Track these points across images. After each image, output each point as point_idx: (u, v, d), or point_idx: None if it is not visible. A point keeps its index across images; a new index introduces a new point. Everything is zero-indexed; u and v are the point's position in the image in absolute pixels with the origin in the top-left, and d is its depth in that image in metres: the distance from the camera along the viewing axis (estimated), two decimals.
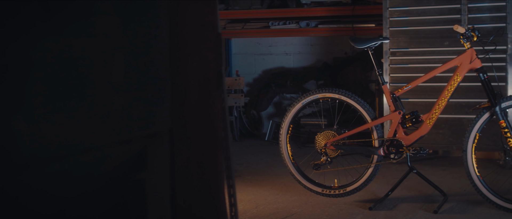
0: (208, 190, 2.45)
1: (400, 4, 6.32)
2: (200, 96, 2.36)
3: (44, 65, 1.81)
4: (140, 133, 2.07)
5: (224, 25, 8.24)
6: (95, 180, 1.98)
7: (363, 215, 4.88)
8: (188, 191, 2.35)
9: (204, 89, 2.37)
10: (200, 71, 2.34)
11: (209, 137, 2.42)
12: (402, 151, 5.04)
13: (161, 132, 2.15)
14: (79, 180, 1.95)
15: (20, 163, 1.77)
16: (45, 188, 1.87)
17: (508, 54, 5.96)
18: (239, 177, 6.20)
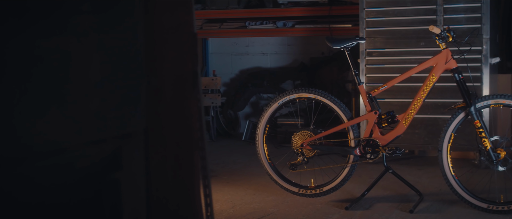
0: (183, 190, 2.44)
1: (376, 5, 6.34)
2: (175, 96, 2.35)
3: (16, 64, 1.80)
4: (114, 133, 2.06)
5: (201, 25, 8.23)
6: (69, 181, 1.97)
7: (339, 215, 4.90)
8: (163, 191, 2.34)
9: (179, 89, 2.36)
10: (175, 71, 2.33)
11: (184, 137, 2.42)
12: (378, 151, 5.06)
13: (136, 132, 2.14)
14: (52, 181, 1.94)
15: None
16: (16, 190, 1.86)
17: (483, 54, 6.01)
18: (215, 177, 6.19)
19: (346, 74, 7.90)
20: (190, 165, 2.44)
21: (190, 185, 2.46)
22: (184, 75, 2.37)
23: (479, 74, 6.01)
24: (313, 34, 7.96)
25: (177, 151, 2.40)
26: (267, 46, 8.68)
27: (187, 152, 2.44)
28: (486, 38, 6.00)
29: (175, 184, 2.40)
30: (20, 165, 1.85)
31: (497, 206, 4.80)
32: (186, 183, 2.45)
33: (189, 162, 2.43)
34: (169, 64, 2.31)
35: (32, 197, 1.91)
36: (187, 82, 2.39)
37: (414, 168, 6.36)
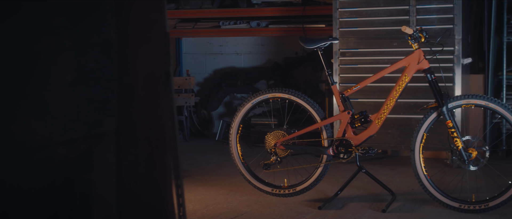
0: (156, 190, 2.43)
1: (349, 5, 6.36)
2: (147, 95, 2.34)
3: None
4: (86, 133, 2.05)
5: (175, 25, 8.21)
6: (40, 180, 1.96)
7: (312, 215, 4.90)
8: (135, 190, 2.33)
9: (151, 88, 2.35)
10: (147, 70, 2.33)
11: (157, 136, 2.41)
12: (351, 150, 5.08)
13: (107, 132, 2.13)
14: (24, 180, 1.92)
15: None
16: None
17: (455, 55, 6.05)
18: (189, 177, 6.18)
19: (319, 74, 7.92)
20: (163, 165, 2.43)
21: (162, 185, 2.45)
22: (156, 74, 2.36)
23: (451, 74, 6.05)
24: (287, 34, 7.97)
25: (149, 151, 2.39)
26: (241, 46, 8.68)
27: (159, 151, 2.43)
28: (458, 38, 6.04)
29: (147, 184, 2.39)
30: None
31: (469, 205, 4.84)
32: (159, 183, 2.44)
33: (161, 162, 2.42)
34: (141, 64, 2.30)
35: (2, 197, 1.89)
36: (159, 81, 2.38)
37: (387, 168, 6.38)
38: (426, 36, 4.89)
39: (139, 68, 2.31)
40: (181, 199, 2.55)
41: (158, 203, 2.43)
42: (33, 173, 1.93)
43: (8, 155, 1.86)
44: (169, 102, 2.43)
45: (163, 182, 2.44)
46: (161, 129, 2.40)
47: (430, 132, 4.96)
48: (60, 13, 1.99)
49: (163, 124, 2.40)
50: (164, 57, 2.39)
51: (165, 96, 2.41)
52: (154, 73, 2.35)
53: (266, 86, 8.41)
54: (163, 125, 2.42)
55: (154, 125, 2.38)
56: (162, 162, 2.41)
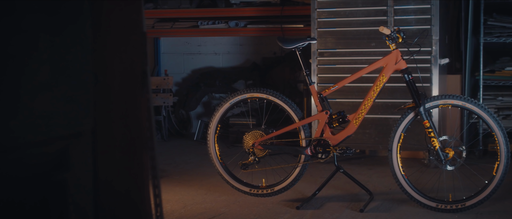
0: (133, 190, 2.42)
1: (328, 5, 6.37)
2: (124, 95, 2.33)
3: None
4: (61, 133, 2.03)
5: (153, 24, 8.19)
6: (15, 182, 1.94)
7: (290, 214, 4.91)
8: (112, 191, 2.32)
9: (128, 88, 2.34)
10: (124, 70, 2.31)
11: (133, 136, 2.40)
12: (329, 150, 5.09)
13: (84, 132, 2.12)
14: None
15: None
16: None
17: (432, 55, 6.08)
18: (167, 177, 6.16)
19: (298, 74, 7.93)
20: (140, 165, 2.42)
21: (139, 185, 2.44)
22: (133, 74, 2.35)
23: (428, 74, 6.08)
24: (265, 34, 7.98)
25: (126, 151, 2.38)
26: (220, 46, 8.67)
27: (136, 152, 2.42)
28: (436, 39, 6.07)
29: (124, 184, 2.38)
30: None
31: (446, 205, 4.87)
32: (136, 183, 2.43)
33: (138, 162, 2.41)
34: (118, 64, 2.29)
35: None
36: (136, 81, 2.37)
37: (365, 168, 6.41)
38: (404, 36, 4.91)
39: (115, 67, 2.30)
40: (158, 199, 2.54)
41: (135, 204, 2.42)
42: (6, 174, 1.92)
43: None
44: (146, 102, 2.42)
45: (140, 182, 2.43)
46: (138, 129, 2.39)
47: (407, 132, 4.99)
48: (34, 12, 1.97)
49: (140, 124, 2.39)
50: (141, 57, 2.37)
51: (142, 96, 2.40)
52: (131, 73, 2.34)
53: (245, 86, 8.41)
54: (140, 125, 2.41)
55: (131, 125, 2.37)
56: (139, 162, 2.40)
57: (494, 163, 4.81)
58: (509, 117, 6.84)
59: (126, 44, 2.30)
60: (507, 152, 4.76)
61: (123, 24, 2.28)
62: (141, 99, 2.40)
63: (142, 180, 2.44)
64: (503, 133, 4.76)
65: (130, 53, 2.32)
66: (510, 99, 6.87)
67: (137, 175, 2.40)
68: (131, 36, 2.30)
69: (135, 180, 2.40)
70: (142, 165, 2.42)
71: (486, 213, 4.85)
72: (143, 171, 2.43)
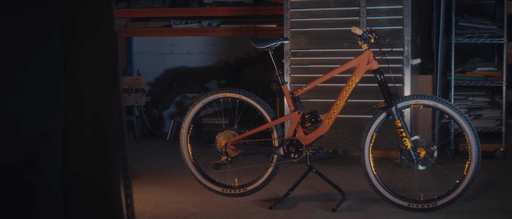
0: (103, 191, 2.41)
1: (300, 5, 6.38)
2: (95, 95, 2.32)
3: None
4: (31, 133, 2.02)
5: (125, 24, 8.15)
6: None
7: (263, 214, 4.91)
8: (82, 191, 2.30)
9: (99, 88, 2.33)
10: (95, 70, 2.30)
11: (104, 136, 2.38)
12: (301, 150, 5.10)
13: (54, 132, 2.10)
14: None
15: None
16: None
17: (404, 56, 6.11)
18: (139, 177, 6.14)
19: (271, 74, 7.94)
20: (110, 165, 2.41)
21: (110, 185, 2.43)
22: (104, 74, 2.34)
23: (400, 75, 6.11)
24: (238, 34, 7.97)
25: (97, 151, 2.36)
26: (192, 46, 8.65)
27: (107, 151, 2.40)
28: (408, 39, 6.10)
29: (95, 184, 2.37)
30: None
31: (417, 204, 4.90)
32: (106, 183, 2.42)
33: (109, 162, 2.40)
34: (88, 63, 2.28)
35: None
36: (107, 81, 2.36)
37: (337, 168, 6.42)
38: (376, 37, 4.93)
39: (86, 67, 2.28)
40: (129, 199, 2.53)
41: (106, 204, 2.40)
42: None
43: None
44: (118, 102, 2.41)
45: (111, 182, 2.41)
46: (109, 129, 2.38)
47: (379, 132, 5.01)
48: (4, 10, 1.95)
49: (111, 124, 2.38)
50: (112, 57, 2.36)
51: (113, 95, 2.39)
52: (102, 72, 2.33)
53: (218, 86, 8.40)
54: (111, 124, 2.40)
55: (102, 125, 2.35)
56: (110, 162, 2.39)
57: (465, 162, 4.85)
58: (480, 117, 6.90)
59: (97, 44, 2.28)
60: (477, 152, 4.80)
61: (93, 23, 2.27)
62: (112, 99, 2.39)
63: (113, 180, 2.43)
64: (474, 133, 4.79)
65: (101, 53, 2.30)
66: (481, 100, 6.93)
67: (107, 175, 2.38)
68: (102, 35, 2.29)
69: (106, 180, 2.39)
70: (113, 165, 2.41)
71: (457, 212, 4.88)
72: (114, 171, 2.42)
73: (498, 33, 6.77)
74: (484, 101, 6.94)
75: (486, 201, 5.18)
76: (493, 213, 4.86)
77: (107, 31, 2.31)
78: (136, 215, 4.94)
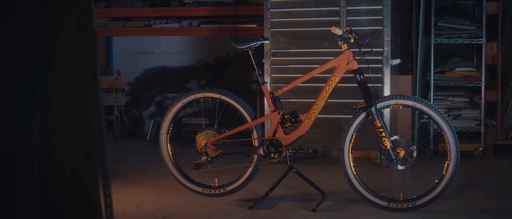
0: (82, 191, 2.40)
1: (281, 5, 6.39)
2: (73, 95, 2.31)
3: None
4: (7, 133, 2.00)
5: (105, 23, 8.12)
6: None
7: (243, 214, 4.91)
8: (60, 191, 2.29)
9: (77, 88, 2.32)
10: (73, 69, 2.29)
11: (83, 136, 2.37)
12: (281, 150, 5.10)
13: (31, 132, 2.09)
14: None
15: None
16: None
17: (384, 56, 6.13)
18: (119, 177, 6.11)
19: (251, 74, 7.94)
20: (89, 165, 2.40)
21: (89, 186, 2.42)
22: (82, 73, 2.32)
23: (380, 75, 6.13)
24: (218, 33, 7.97)
25: (75, 151, 2.35)
26: (173, 46, 8.64)
27: (85, 151, 2.39)
28: (387, 40, 6.13)
29: (73, 185, 2.36)
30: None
31: (397, 204, 4.91)
32: (85, 184, 2.41)
33: (87, 162, 2.39)
34: (67, 63, 2.26)
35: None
36: (86, 80, 2.35)
37: (317, 168, 6.43)
38: (355, 37, 4.94)
39: (65, 67, 2.27)
40: (108, 199, 2.52)
41: (84, 204, 2.39)
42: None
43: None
44: (96, 102, 2.40)
45: (89, 182, 2.40)
46: (87, 129, 2.37)
47: (359, 132, 5.02)
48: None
49: (89, 124, 2.37)
50: (91, 56, 2.35)
51: (92, 95, 2.38)
52: (81, 72, 2.32)
53: (198, 86, 8.39)
54: (90, 125, 2.38)
55: (80, 124, 2.34)
56: (89, 162, 2.38)
57: (444, 162, 4.87)
58: (459, 117, 6.94)
59: (75, 43, 2.27)
60: (456, 151, 4.82)
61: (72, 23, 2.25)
62: (91, 99, 2.38)
63: (92, 180, 2.42)
64: (453, 133, 4.82)
65: (80, 52, 2.29)
66: (460, 100, 6.97)
67: (86, 175, 2.37)
68: (80, 35, 2.28)
69: (85, 180, 2.38)
70: (91, 165, 2.40)
71: (436, 212, 4.91)
72: (92, 171, 2.41)
73: (477, 34, 6.81)
74: (463, 101, 6.98)
75: (465, 200, 5.21)
76: (472, 212, 4.89)
77: (85, 31, 2.30)
78: (116, 215, 4.92)
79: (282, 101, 5.26)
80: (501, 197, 5.32)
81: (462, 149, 6.30)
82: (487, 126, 6.91)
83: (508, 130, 6.86)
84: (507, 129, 6.87)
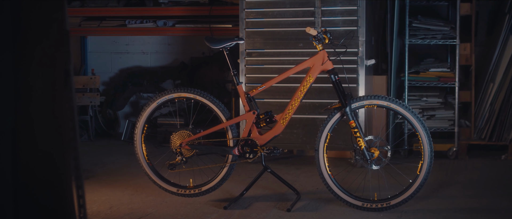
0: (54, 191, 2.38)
1: (256, 6, 6.39)
2: (46, 94, 2.29)
3: None
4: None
5: (79, 23, 8.07)
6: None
7: (217, 215, 4.90)
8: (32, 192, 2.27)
9: (50, 87, 2.30)
10: (46, 69, 2.27)
11: (56, 136, 2.36)
12: (256, 150, 5.10)
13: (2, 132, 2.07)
14: None
15: None
16: None
17: (359, 56, 6.15)
18: (93, 177, 6.08)
19: (226, 74, 7.94)
20: (62, 165, 2.38)
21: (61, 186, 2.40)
22: (55, 73, 2.31)
23: (355, 75, 6.15)
24: (193, 33, 7.95)
25: (48, 151, 2.33)
26: (148, 45, 8.61)
27: (58, 152, 2.38)
28: (362, 40, 6.15)
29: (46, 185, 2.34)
30: None
31: (371, 204, 4.93)
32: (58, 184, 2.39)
33: (60, 162, 2.37)
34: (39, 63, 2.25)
35: None
36: (58, 80, 2.33)
37: (292, 168, 6.44)
38: (330, 37, 4.95)
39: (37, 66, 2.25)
40: (81, 200, 2.50)
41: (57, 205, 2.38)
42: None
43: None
44: (69, 102, 2.39)
45: (62, 183, 2.39)
46: (60, 129, 2.35)
47: (334, 132, 5.03)
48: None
49: (62, 124, 2.35)
50: (64, 56, 2.34)
51: (65, 95, 2.36)
52: (53, 71, 2.30)
53: (173, 86, 8.37)
54: (63, 124, 2.37)
55: (53, 124, 2.32)
56: (61, 162, 2.36)
57: (418, 162, 4.90)
58: (433, 117, 6.98)
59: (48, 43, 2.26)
60: (430, 151, 4.85)
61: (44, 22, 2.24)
62: (64, 98, 2.36)
63: (65, 181, 2.40)
64: (427, 133, 4.84)
65: (53, 52, 2.28)
66: (434, 100, 7.01)
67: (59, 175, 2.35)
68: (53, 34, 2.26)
69: (57, 181, 2.36)
70: (64, 165, 2.38)
71: (410, 211, 4.93)
72: (65, 172, 2.39)
73: (451, 35, 6.86)
74: (437, 101, 7.02)
75: (438, 200, 5.24)
76: (446, 212, 4.92)
77: (58, 30, 2.28)
78: (90, 215, 4.89)
79: (257, 101, 5.26)
80: (475, 196, 5.36)
81: (436, 149, 6.33)
82: (461, 126, 6.96)
83: (481, 130, 6.92)
84: (480, 129, 6.92)
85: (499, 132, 6.82)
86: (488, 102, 6.87)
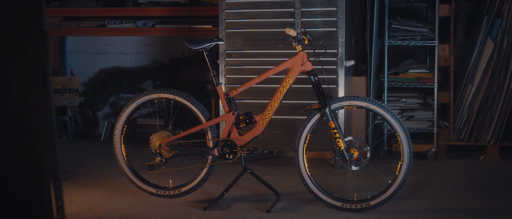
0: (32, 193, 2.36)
1: (236, 6, 6.39)
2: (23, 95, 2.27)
3: None
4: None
5: (58, 23, 8.03)
6: None
7: (197, 215, 4.90)
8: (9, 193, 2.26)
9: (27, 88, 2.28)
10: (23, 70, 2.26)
11: (33, 137, 2.34)
12: (236, 151, 5.10)
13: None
14: None
15: None
16: None
17: (338, 57, 6.17)
18: (72, 178, 6.05)
19: (206, 75, 7.93)
20: (39, 166, 2.36)
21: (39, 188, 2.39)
22: (32, 74, 2.29)
23: (334, 76, 6.16)
24: (173, 34, 7.93)
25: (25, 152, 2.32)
26: (127, 46, 8.58)
27: (36, 153, 2.36)
28: (342, 41, 6.16)
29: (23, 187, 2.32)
30: None
31: (351, 204, 4.95)
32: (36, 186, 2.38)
33: (38, 164, 2.36)
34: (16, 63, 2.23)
35: None
36: (36, 81, 2.32)
37: (272, 168, 6.45)
38: (310, 38, 4.96)
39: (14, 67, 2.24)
40: (60, 201, 2.48)
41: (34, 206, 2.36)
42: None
43: None
44: (47, 102, 2.37)
45: (40, 184, 2.37)
46: (38, 130, 2.34)
47: (313, 133, 5.04)
48: None
49: (40, 125, 2.34)
50: (42, 56, 2.32)
51: (43, 96, 2.35)
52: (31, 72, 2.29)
53: (152, 87, 8.35)
54: (41, 125, 2.35)
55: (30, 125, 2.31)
56: (39, 164, 2.34)
57: (397, 163, 4.92)
58: (412, 118, 7.01)
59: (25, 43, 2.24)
60: (409, 152, 4.87)
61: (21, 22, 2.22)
62: (42, 99, 2.35)
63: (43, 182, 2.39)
64: (406, 134, 4.86)
65: (30, 52, 2.26)
66: (413, 101, 7.04)
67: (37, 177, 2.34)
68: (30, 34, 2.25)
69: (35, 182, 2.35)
70: (42, 166, 2.36)
71: (389, 212, 4.95)
72: (43, 173, 2.38)
73: (430, 36, 6.89)
74: (416, 102, 7.05)
75: (417, 200, 5.27)
76: (425, 212, 4.95)
77: (36, 30, 2.26)
78: (68, 217, 4.87)
79: (236, 102, 5.26)
80: (453, 197, 5.39)
81: (415, 150, 6.37)
82: (440, 127, 7.00)
83: (460, 131, 6.96)
84: (459, 130, 6.96)
85: (477, 133, 6.86)
86: (467, 103, 6.91)
